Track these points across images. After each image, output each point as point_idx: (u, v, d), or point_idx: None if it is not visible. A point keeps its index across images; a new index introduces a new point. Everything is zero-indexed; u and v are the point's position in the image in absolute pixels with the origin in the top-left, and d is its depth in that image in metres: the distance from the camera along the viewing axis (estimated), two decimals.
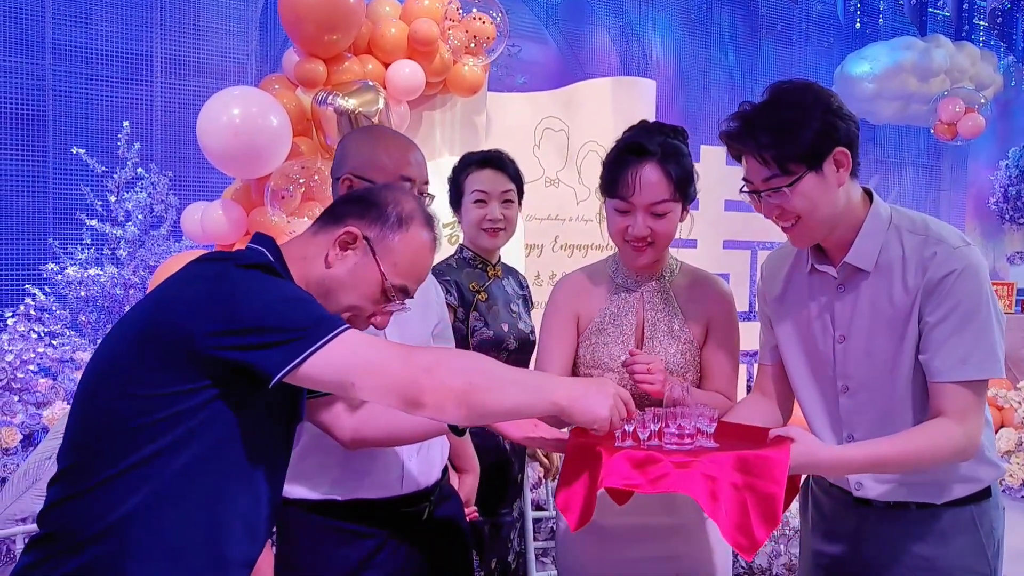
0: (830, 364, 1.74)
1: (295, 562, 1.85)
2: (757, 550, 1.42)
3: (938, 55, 7.17)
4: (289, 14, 3.57)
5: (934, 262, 1.61)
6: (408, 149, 1.88)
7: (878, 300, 1.68)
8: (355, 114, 3.50)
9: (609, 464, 1.46)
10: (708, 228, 5.01)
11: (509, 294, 2.60)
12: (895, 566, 1.72)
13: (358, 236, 1.46)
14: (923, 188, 9.29)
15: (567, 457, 1.58)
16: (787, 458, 1.46)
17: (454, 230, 3.88)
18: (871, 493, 1.73)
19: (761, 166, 1.63)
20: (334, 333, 1.28)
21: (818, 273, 1.76)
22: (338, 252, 1.47)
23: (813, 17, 8.34)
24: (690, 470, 1.44)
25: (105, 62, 4.55)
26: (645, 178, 1.84)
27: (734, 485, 1.43)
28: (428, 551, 1.91)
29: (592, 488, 1.49)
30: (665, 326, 1.94)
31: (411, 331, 1.93)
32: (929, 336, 1.62)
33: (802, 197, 1.62)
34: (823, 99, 1.63)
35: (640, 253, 1.90)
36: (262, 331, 1.26)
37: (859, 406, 1.72)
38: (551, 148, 4.56)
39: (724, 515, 1.42)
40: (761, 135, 1.61)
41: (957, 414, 1.59)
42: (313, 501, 1.83)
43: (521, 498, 2.63)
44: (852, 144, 1.64)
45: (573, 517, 1.51)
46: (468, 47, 3.95)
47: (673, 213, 1.88)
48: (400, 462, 1.86)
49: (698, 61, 7.45)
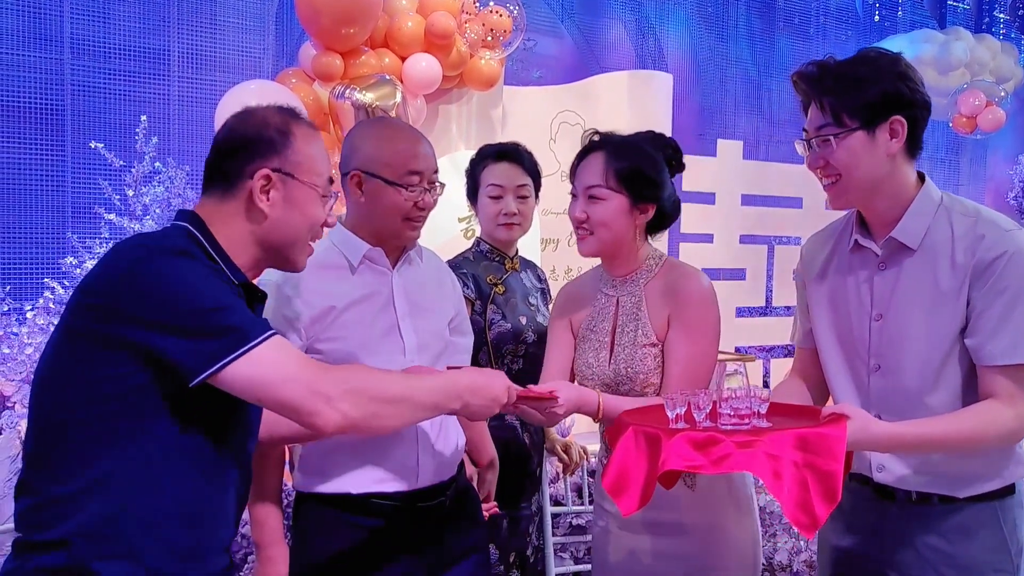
0: (864, 343, 1.75)
1: (310, 556, 1.86)
2: (818, 528, 1.44)
3: (958, 48, 7.09)
4: (306, 8, 3.59)
5: (984, 243, 1.61)
6: (416, 142, 1.88)
7: (921, 279, 1.68)
8: (372, 108, 3.51)
9: (670, 446, 1.49)
10: (724, 223, 4.99)
11: (527, 287, 2.59)
12: (916, 562, 1.71)
13: (269, 174, 1.45)
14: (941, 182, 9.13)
15: (621, 441, 1.60)
16: (844, 435, 1.49)
17: (470, 224, 3.88)
18: (890, 478, 1.73)
19: (819, 113, 1.67)
20: (255, 342, 1.30)
21: (860, 251, 1.77)
22: (264, 199, 1.45)
23: (831, 10, 8.27)
24: (753, 449, 1.46)
25: (123, 57, 4.57)
26: (586, 163, 1.97)
27: (795, 463, 1.45)
28: (445, 545, 1.92)
29: (652, 471, 1.53)
30: (631, 332, 1.95)
31: (426, 324, 1.93)
32: (979, 320, 1.62)
33: (847, 152, 1.65)
34: (902, 69, 1.66)
35: (582, 240, 1.98)
36: (184, 331, 1.28)
37: (890, 385, 1.71)
38: (567, 142, 4.54)
39: (786, 493, 1.44)
40: (827, 81, 1.65)
41: (1008, 397, 1.60)
42: (328, 495, 1.84)
43: (539, 492, 2.63)
44: (915, 122, 1.66)
45: (631, 500, 1.55)
46: (485, 40, 3.95)
47: (610, 202, 1.93)
48: (415, 456, 1.86)
49: (714, 55, 7.41)
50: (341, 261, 1.88)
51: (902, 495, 1.73)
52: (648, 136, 2.03)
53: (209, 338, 1.28)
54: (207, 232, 1.44)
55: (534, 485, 2.59)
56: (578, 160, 2.00)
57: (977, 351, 1.62)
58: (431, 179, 1.88)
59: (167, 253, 1.32)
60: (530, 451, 2.54)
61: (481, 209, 2.58)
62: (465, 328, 2.09)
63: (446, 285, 2.05)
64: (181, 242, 1.38)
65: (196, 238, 1.42)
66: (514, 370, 2.48)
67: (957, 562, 1.68)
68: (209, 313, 1.29)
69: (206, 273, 1.34)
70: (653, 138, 2.03)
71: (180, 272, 1.31)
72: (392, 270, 1.91)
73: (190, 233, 1.42)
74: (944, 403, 1.66)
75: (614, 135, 2.01)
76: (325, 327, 1.82)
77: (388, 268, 1.90)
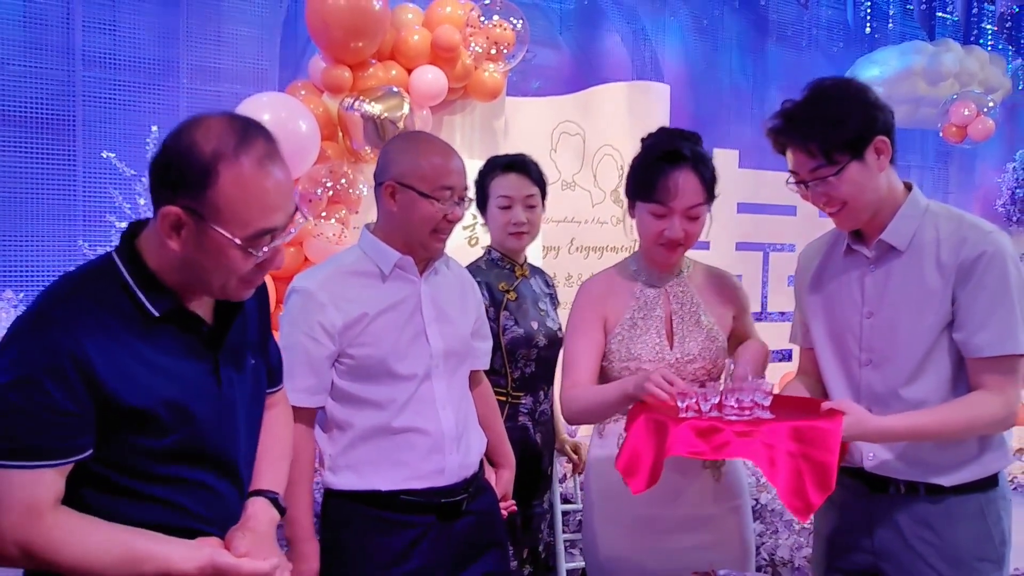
0: (856, 338, 1.85)
1: (339, 551, 1.92)
2: (812, 513, 1.56)
3: (947, 59, 7.22)
4: (316, 22, 3.67)
5: (967, 244, 1.72)
6: (449, 157, 1.94)
7: (909, 279, 1.78)
8: (380, 119, 3.59)
9: (675, 433, 1.61)
10: (721, 230, 5.07)
11: (537, 293, 2.67)
12: (906, 552, 1.81)
13: (178, 213, 1.26)
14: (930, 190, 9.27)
15: (633, 427, 1.71)
16: (839, 428, 1.60)
17: (474, 232, 3.96)
18: (876, 463, 1.83)
19: (808, 158, 1.75)
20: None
21: (853, 254, 1.88)
22: (174, 236, 1.28)
23: (823, 22, 8.40)
24: (751, 438, 1.59)
25: (132, 68, 4.64)
26: (683, 183, 1.94)
27: (790, 453, 1.57)
28: (466, 541, 1.99)
29: (659, 455, 1.64)
30: (692, 318, 2.05)
31: (451, 330, 2.00)
32: (965, 315, 1.72)
33: (848, 184, 1.74)
34: (862, 91, 1.77)
35: (673, 253, 2.00)
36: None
37: (880, 378, 1.82)
38: (567, 152, 4.63)
39: (781, 480, 1.56)
40: (806, 128, 1.74)
41: (995, 387, 1.71)
42: (357, 492, 1.91)
43: (551, 490, 2.71)
44: (890, 132, 1.77)
45: (641, 480, 1.66)
46: (489, 53, 4.04)
47: (704, 216, 2.00)
48: (442, 454, 1.93)
49: (709, 66, 7.52)
50: (373, 269, 1.94)
51: (891, 488, 1.82)
52: (689, 135, 2.05)
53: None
54: (137, 259, 1.33)
55: (546, 484, 2.66)
56: (661, 176, 1.93)
57: (965, 344, 1.73)
58: (461, 193, 1.95)
59: (25, 364, 1.22)
60: (542, 451, 2.61)
61: (491, 219, 2.66)
62: (485, 333, 2.18)
63: (468, 292, 2.13)
64: (73, 308, 1.27)
65: (116, 275, 1.32)
66: (527, 373, 2.57)
67: (945, 552, 1.78)
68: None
69: (19, 406, 1.22)
70: (693, 137, 2.05)
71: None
72: (420, 278, 1.98)
73: (110, 270, 1.32)
74: (925, 393, 1.77)
75: (685, 147, 1.97)
76: (358, 333, 1.88)
77: (417, 276, 1.97)
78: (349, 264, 1.96)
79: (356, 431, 1.92)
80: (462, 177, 1.95)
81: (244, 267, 1.32)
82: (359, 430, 1.91)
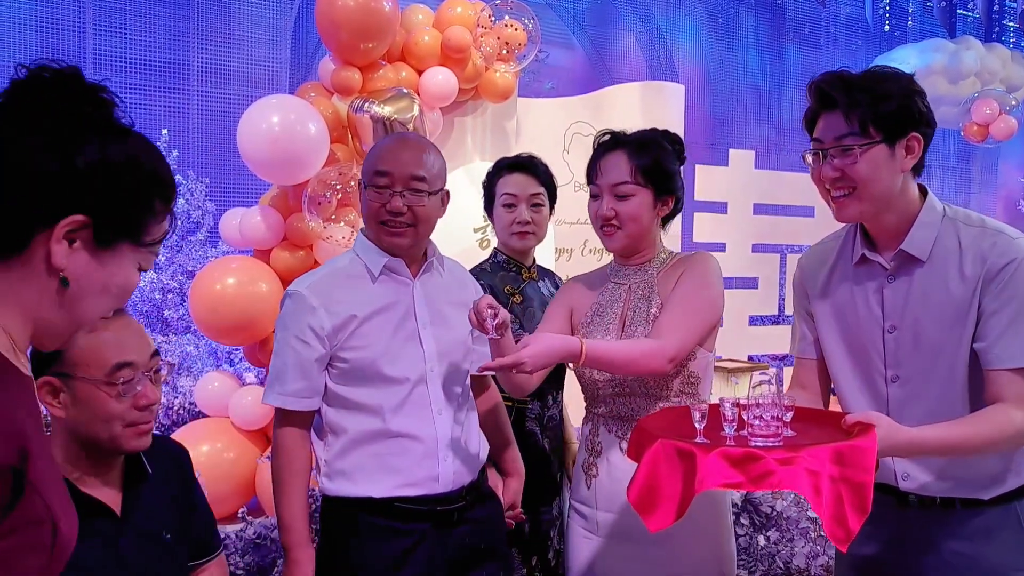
0: (879, 354, 1.77)
1: (334, 557, 1.90)
2: (851, 541, 1.42)
3: (968, 57, 7.12)
4: (326, 23, 3.64)
5: (994, 251, 1.65)
6: (394, 145, 1.93)
7: (933, 290, 1.70)
8: (390, 121, 3.55)
9: (705, 464, 1.44)
10: (737, 231, 5.01)
11: (545, 295, 2.63)
12: (938, 566, 1.73)
13: (54, 383, 1.43)
14: (952, 191, 9.22)
15: (648, 455, 1.53)
16: (875, 446, 1.48)
17: (485, 234, 3.93)
18: (914, 485, 1.75)
19: (842, 121, 1.68)
20: None
21: (866, 264, 1.79)
22: (56, 405, 1.43)
23: (841, 20, 8.31)
24: (794, 467, 1.42)
25: (143, 71, 4.66)
26: (609, 162, 2.00)
27: (831, 478, 1.43)
28: (465, 550, 1.95)
29: (688, 489, 1.46)
30: (643, 312, 2.00)
31: (447, 333, 1.97)
32: (987, 324, 1.64)
33: (868, 164, 1.67)
34: (918, 88, 1.71)
35: (610, 237, 2.02)
36: None
37: (909, 396, 1.74)
38: (580, 153, 4.58)
39: (826, 509, 1.41)
40: (856, 91, 1.68)
41: (1018, 400, 1.62)
42: (352, 498, 1.88)
43: (560, 497, 2.66)
44: (927, 139, 1.70)
45: (663, 517, 1.49)
46: (500, 54, 4.00)
47: (638, 197, 1.98)
48: (436, 463, 1.90)
49: (725, 65, 7.46)
50: (363, 271, 1.93)
51: (925, 501, 1.74)
52: (658, 133, 2.09)
53: None
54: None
55: (554, 490, 2.62)
56: (596, 159, 2.04)
57: (985, 354, 1.65)
58: (406, 183, 1.87)
59: None
60: (550, 456, 2.57)
61: (496, 219, 2.62)
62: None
63: (469, 294, 2.09)
64: None
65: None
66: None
67: (980, 564, 1.70)
68: None
69: None
70: (662, 134, 2.09)
71: None
72: (414, 280, 1.95)
73: None
74: (967, 411, 1.68)
75: (627, 134, 2.06)
76: (347, 336, 1.86)
77: (409, 278, 1.94)
78: (342, 267, 1.95)
79: (350, 436, 1.89)
80: (403, 166, 1.87)
81: (119, 407, 1.43)
82: (352, 435, 1.89)
